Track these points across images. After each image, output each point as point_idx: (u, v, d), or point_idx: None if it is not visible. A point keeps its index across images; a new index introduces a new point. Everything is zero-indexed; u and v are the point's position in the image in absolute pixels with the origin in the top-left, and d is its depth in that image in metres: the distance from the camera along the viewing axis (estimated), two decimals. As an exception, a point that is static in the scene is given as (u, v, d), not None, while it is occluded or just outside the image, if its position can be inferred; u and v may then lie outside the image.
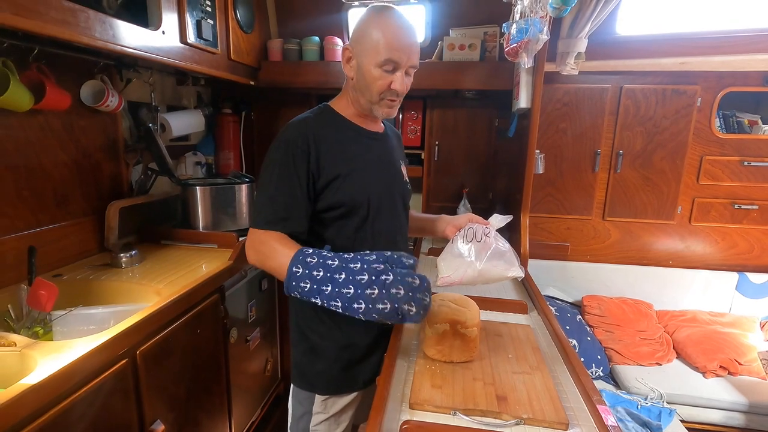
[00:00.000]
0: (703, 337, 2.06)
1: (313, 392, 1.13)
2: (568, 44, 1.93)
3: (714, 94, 2.14)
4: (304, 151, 0.99)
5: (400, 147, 1.29)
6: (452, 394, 0.91)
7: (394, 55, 0.98)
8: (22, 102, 1.20)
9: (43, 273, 1.37)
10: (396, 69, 1.00)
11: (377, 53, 0.98)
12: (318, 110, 1.10)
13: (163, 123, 1.83)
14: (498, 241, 1.04)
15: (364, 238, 1.07)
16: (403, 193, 1.17)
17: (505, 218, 1.08)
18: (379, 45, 0.97)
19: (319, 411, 1.13)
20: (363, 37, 1.00)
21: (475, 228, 1.06)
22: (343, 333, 1.10)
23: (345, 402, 1.14)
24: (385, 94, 1.02)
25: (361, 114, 1.10)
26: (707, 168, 2.22)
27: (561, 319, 2.09)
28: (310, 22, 2.19)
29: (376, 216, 1.07)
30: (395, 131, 1.29)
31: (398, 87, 1.01)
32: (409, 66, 1.01)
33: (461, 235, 1.06)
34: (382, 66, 0.99)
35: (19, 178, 1.31)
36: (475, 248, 1.03)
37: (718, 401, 1.82)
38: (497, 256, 1.03)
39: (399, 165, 1.19)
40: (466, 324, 1.01)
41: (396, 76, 1.00)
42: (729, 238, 2.30)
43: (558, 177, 2.33)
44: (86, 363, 0.92)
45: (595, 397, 0.88)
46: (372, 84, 1.01)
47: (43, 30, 1.03)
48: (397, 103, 1.06)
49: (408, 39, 1.00)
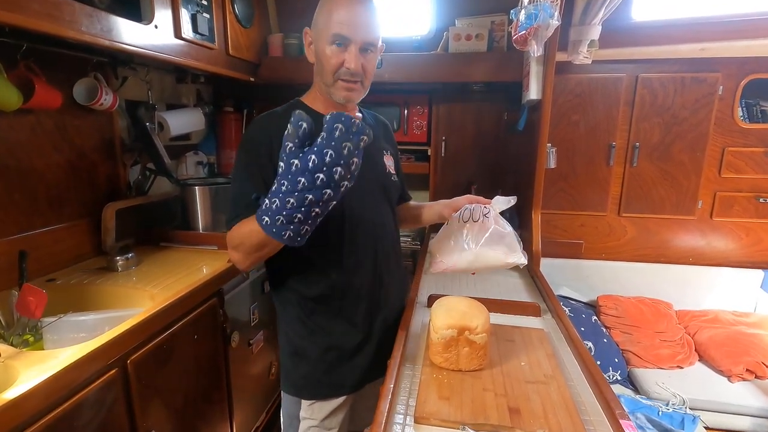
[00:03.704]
0: (727, 339, 1.96)
1: (299, 397, 1.10)
2: (580, 32, 1.84)
3: (736, 81, 2.04)
4: (267, 149, 0.94)
5: (387, 136, 1.22)
6: (461, 406, 0.84)
7: (342, 29, 0.92)
8: (9, 101, 1.16)
9: (37, 278, 1.33)
10: (347, 45, 0.94)
11: (327, 29, 0.94)
12: (287, 105, 1.06)
13: (161, 122, 1.79)
14: (498, 222, 0.96)
15: (341, 236, 1.02)
16: (384, 186, 1.11)
17: (508, 199, 0.99)
18: (329, 21, 0.93)
19: (306, 416, 1.09)
20: (317, 18, 0.97)
21: (473, 208, 0.98)
22: (324, 335, 1.06)
23: (332, 407, 1.09)
24: (339, 73, 0.96)
25: (331, 105, 1.04)
26: (730, 160, 2.12)
27: (575, 320, 2.01)
28: (310, 15, 2.11)
29: (351, 213, 1.02)
30: (380, 120, 1.23)
31: (352, 65, 0.94)
32: (364, 42, 0.94)
33: (457, 216, 0.98)
34: (332, 42, 0.94)
35: (9, 179, 1.28)
36: (471, 230, 0.95)
37: (745, 407, 1.72)
38: (496, 240, 0.94)
39: (381, 155, 1.13)
40: (476, 330, 0.94)
41: (349, 53, 0.94)
42: (753, 234, 2.19)
43: (571, 172, 2.24)
44: (71, 374, 0.88)
45: (618, 410, 0.81)
46: (326, 63, 0.96)
47: (25, 23, 0.98)
48: (358, 86, 0.99)
49: (358, 12, 0.94)
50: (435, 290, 1.41)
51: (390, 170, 1.15)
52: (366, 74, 0.99)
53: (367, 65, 0.98)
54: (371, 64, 0.99)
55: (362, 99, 1.05)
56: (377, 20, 0.98)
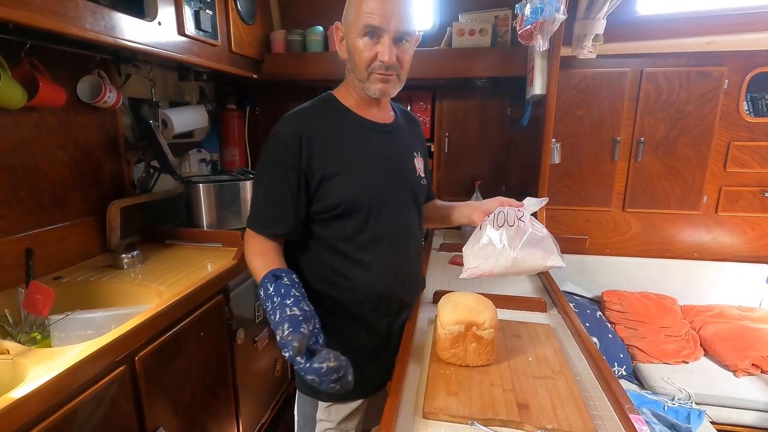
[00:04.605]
0: (733, 334, 1.95)
1: (316, 398, 1.08)
2: (585, 26, 1.82)
3: (742, 75, 2.02)
4: (296, 149, 0.92)
5: (417, 136, 1.17)
6: (469, 401, 0.84)
7: (374, 19, 0.87)
8: (14, 98, 1.16)
9: (43, 276, 1.33)
10: (379, 36, 0.89)
11: (358, 22, 0.89)
12: (318, 100, 1.02)
13: (165, 119, 1.79)
14: (534, 226, 0.94)
15: (364, 239, 0.99)
16: (413, 189, 1.07)
17: (540, 201, 0.97)
18: (359, 12, 0.89)
19: (323, 418, 1.08)
20: (347, 11, 0.93)
21: (507, 212, 0.95)
22: (345, 336, 1.03)
23: (349, 409, 1.08)
24: (373, 67, 0.92)
25: (364, 102, 1.01)
26: (735, 154, 2.10)
27: (580, 315, 1.99)
28: (313, 11, 2.11)
29: (377, 216, 0.99)
30: (412, 117, 1.18)
31: (386, 57, 0.89)
32: (397, 32, 0.89)
33: (491, 221, 0.96)
34: (364, 35, 0.89)
35: (15, 178, 1.27)
36: (507, 234, 0.92)
37: (752, 401, 1.72)
38: (534, 243, 0.92)
39: (411, 158, 1.08)
40: (483, 325, 0.94)
41: (382, 44, 0.89)
42: (759, 228, 2.17)
43: (575, 167, 2.22)
44: (79, 371, 0.87)
45: (627, 405, 0.81)
46: (358, 57, 0.92)
47: (28, 20, 0.98)
48: (393, 78, 0.94)
49: (391, 2, 0.88)
50: (440, 286, 1.40)
51: (420, 173, 1.10)
52: (402, 66, 0.94)
53: (403, 56, 0.92)
54: (407, 55, 0.94)
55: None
56: (412, 8, 0.92)
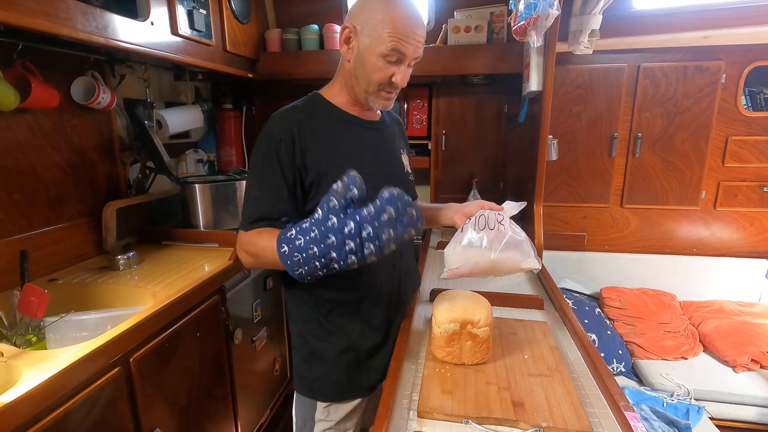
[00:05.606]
0: (732, 329, 1.95)
1: (315, 399, 1.07)
2: (581, 21, 1.81)
3: (740, 69, 2.01)
4: (289, 146, 0.92)
5: (402, 135, 1.20)
6: (464, 400, 0.84)
7: (401, 46, 0.88)
8: (6, 100, 1.16)
9: (39, 278, 1.33)
10: (401, 61, 0.91)
11: (382, 41, 0.88)
12: (307, 99, 1.02)
13: (160, 120, 1.78)
14: (513, 230, 0.96)
15: None
16: (405, 186, 1.07)
17: (519, 205, 0.99)
18: (386, 32, 0.87)
19: (322, 418, 1.07)
20: (367, 19, 0.89)
21: (488, 215, 0.98)
22: (342, 337, 1.03)
23: (348, 409, 1.07)
24: (383, 85, 0.94)
25: (355, 102, 1.01)
26: (733, 149, 2.09)
27: (579, 312, 2.00)
28: (308, 9, 2.11)
29: None
30: (395, 118, 1.20)
31: (399, 81, 0.93)
32: (415, 58, 0.93)
33: (472, 223, 0.98)
34: (386, 56, 0.90)
35: (9, 180, 1.27)
36: (487, 237, 0.95)
37: (751, 397, 1.71)
38: (512, 246, 0.95)
39: (398, 155, 1.10)
40: (478, 323, 0.94)
41: (399, 69, 0.92)
42: (758, 223, 2.17)
43: (572, 163, 2.22)
44: (73, 373, 0.87)
45: (622, 402, 0.80)
46: (372, 74, 0.92)
47: (19, 22, 0.97)
48: (395, 95, 0.99)
49: (418, 28, 0.91)
50: (437, 285, 1.40)
51: (407, 169, 1.12)
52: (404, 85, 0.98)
53: (408, 76, 0.96)
54: (410, 73, 0.97)
55: None
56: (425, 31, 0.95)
